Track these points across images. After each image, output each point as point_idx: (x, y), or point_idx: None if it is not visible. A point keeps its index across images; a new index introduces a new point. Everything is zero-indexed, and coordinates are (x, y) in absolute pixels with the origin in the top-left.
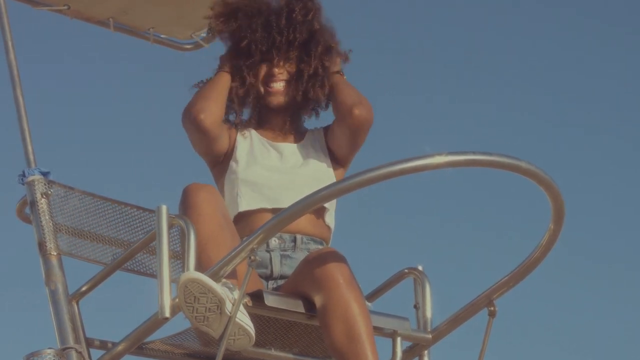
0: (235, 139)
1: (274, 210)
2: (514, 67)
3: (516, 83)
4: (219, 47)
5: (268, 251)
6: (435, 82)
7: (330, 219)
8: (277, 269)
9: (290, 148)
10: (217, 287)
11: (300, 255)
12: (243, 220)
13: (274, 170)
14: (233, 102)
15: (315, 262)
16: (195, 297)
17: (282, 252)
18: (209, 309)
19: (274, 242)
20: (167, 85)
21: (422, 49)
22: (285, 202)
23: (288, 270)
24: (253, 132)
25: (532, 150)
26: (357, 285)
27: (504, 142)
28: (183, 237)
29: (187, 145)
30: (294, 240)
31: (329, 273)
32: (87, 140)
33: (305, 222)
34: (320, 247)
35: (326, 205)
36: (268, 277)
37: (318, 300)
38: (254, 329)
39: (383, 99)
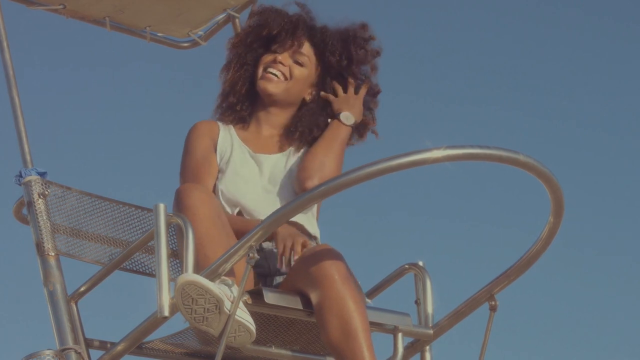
0: (217, 135)
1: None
2: (515, 66)
3: (517, 82)
4: (217, 45)
5: (262, 251)
6: (436, 81)
7: (314, 229)
8: (274, 267)
9: (270, 161)
10: (214, 287)
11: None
12: None
13: (253, 186)
14: (230, 93)
15: (310, 260)
16: (192, 299)
17: (275, 250)
18: (208, 309)
19: (265, 242)
20: (165, 83)
21: (423, 49)
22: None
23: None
24: (235, 137)
25: (535, 147)
26: (352, 282)
27: (505, 141)
28: (179, 236)
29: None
30: None
31: (324, 270)
32: (84, 140)
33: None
34: (312, 238)
35: (304, 223)
36: (266, 276)
37: (314, 297)
38: (254, 325)
39: (384, 98)
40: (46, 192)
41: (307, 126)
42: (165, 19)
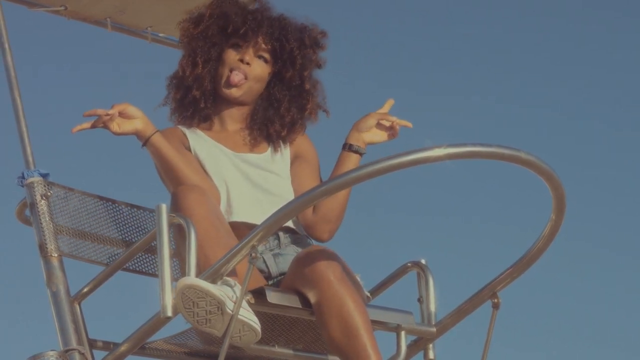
0: (186, 138)
1: (247, 224)
2: (518, 60)
3: (518, 76)
4: None
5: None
6: (437, 77)
7: (299, 230)
8: (274, 269)
9: (256, 160)
10: (215, 289)
11: (289, 251)
12: None
13: (246, 189)
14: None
15: (305, 261)
16: (193, 302)
17: (272, 252)
18: (210, 311)
19: (259, 246)
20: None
21: (423, 43)
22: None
23: (284, 266)
24: (205, 137)
25: (537, 142)
26: (350, 281)
27: (505, 137)
28: (177, 237)
29: None
30: (278, 238)
31: (319, 271)
32: (86, 141)
33: None
34: (303, 237)
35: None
36: (267, 278)
37: (312, 298)
38: (259, 324)
39: (383, 94)
40: (49, 194)
41: (262, 122)
42: (166, 19)
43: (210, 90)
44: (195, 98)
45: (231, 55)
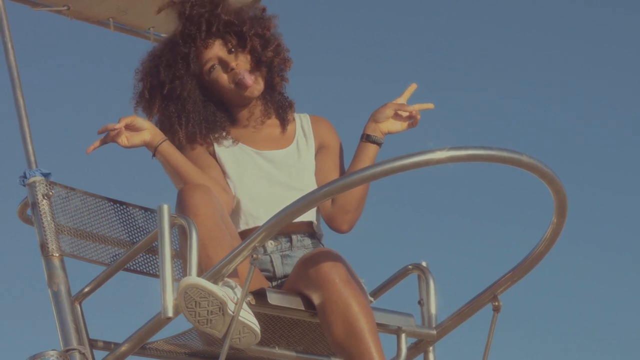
0: (211, 144)
1: None
2: (519, 59)
3: (522, 75)
4: None
5: (267, 254)
6: (438, 75)
7: (319, 228)
8: (279, 270)
9: (277, 157)
10: (217, 289)
11: (298, 253)
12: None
13: (267, 190)
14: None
15: (309, 263)
16: (196, 301)
17: (281, 253)
18: (211, 311)
19: (270, 245)
20: None
21: (423, 43)
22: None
23: (290, 269)
24: (229, 141)
25: (537, 140)
26: (354, 283)
27: (507, 135)
28: (181, 237)
29: None
30: (290, 240)
31: (324, 273)
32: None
33: (297, 221)
34: (316, 242)
35: (312, 220)
36: (271, 279)
37: (316, 300)
38: (259, 326)
39: (384, 90)
40: (50, 193)
41: (276, 109)
42: (168, 20)
43: (212, 116)
44: (209, 135)
45: (218, 75)
